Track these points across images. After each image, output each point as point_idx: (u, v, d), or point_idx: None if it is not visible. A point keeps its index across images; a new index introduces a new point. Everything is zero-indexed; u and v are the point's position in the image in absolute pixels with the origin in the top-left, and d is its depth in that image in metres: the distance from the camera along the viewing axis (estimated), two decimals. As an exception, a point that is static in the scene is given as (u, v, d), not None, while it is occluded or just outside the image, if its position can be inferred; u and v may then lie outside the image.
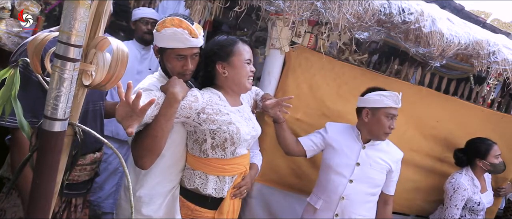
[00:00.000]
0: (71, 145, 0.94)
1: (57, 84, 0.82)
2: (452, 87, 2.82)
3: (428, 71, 2.66)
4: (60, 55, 0.81)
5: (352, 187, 2.10)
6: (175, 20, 1.58)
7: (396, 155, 2.20)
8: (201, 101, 1.62)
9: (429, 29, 2.25)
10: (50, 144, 0.85)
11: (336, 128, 2.23)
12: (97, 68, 0.89)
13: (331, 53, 2.52)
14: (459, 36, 2.36)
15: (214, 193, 1.70)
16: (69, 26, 0.80)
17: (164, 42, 1.61)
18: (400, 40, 2.32)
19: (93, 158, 1.77)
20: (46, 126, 0.84)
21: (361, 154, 2.13)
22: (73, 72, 0.83)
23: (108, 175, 2.95)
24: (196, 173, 1.70)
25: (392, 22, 2.22)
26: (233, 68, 1.70)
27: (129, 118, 1.19)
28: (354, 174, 2.10)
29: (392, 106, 2.05)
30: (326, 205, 2.15)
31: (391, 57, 2.86)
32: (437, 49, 2.30)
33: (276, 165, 2.45)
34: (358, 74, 2.50)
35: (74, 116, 0.92)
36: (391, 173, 2.16)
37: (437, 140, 2.73)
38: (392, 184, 2.19)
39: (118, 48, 0.90)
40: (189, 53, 1.63)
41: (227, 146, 1.68)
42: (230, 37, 1.76)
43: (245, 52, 1.72)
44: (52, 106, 0.83)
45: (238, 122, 1.70)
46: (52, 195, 0.89)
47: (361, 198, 2.11)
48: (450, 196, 2.53)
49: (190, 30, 1.58)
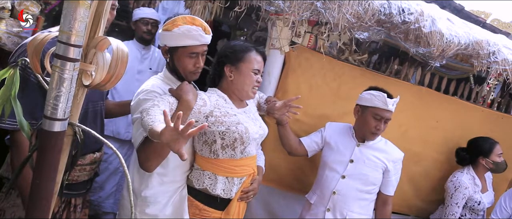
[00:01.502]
0: (71, 145, 0.94)
1: (57, 84, 0.82)
2: (452, 87, 2.82)
3: (428, 71, 2.67)
4: (60, 55, 0.81)
5: (344, 183, 2.13)
6: (187, 18, 1.58)
7: (394, 155, 2.19)
8: (209, 105, 1.65)
9: (429, 29, 2.25)
10: (50, 143, 0.85)
11: (334, 127, 2.29)
12: (97, 68, 0.90)
13: (331, 53, 2.52)
14: (459, 36, 2.36)
15: (223, 193, 1.72)
16: (69, 26, 0.80)
17: (176, 41, 1.60)
18: (400, 40, 2.32)
19: (93, 158, 1.77)
20: (46, 126, 0.84)
21: (355, 151, 2.16)
22: (73, 72, 0.83)
23: (108, 175, 2.95)
24: (206, 173, 1.72)
25: (392, 22, 2.22)
26: (240, 74, 1.73)
27: (176, 140, 1.14)
28: (347, 170, 2.14)
29: (380, 107, 2.04)
30: (319, 200, 2.21)
31: (391, 57, 2.86)
32: (437, 49, 2.30)
33: (276, 165, 2.45)
34: (358, 74, 2.50)
35: (74, 115, 0.92)
36: (388, 172, 2.15)
37: (437, 140, 2.74)
38: (391, 184, 2.19)
39: (118, 48, 0.90)
40: (201, 50, 1.64)
41: (237, 146, 1.70)
42: (246, 44, 1.79)
43: (255, 61, 1.74)
44: (52, 106, 0.83)
45: (246, 122, 1.73)
46: (52, 195, 0.89)
47: (353, 194, 2.13)
48: (451, 194, 2.54)
49: (204, 27, 1.60)
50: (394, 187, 2.21)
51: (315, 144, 2.26)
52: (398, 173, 2.21)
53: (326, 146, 2.25)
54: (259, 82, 1.78)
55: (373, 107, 2.07)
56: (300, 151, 2.26)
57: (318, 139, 2.26)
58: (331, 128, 2.28)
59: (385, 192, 2.19)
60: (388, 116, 2.07)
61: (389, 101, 2.03)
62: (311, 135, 2.30)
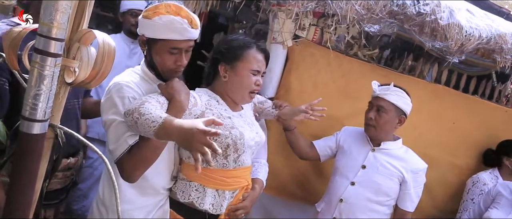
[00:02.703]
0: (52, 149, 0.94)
1: (37, 82, 0.81)
2: (472, 85, 2.82)
3: (445, 67, 2.67)
4: (39, 50, 0.81)
5: (353, 190, 2.12)
6: (172, 6, 1.45)
7: (415, 164, 2.14)
8: (200, 105, 1.59)
9: (446, 22, 2.25)
10: (29, 147, 0.84)
11: (350, 131, 2.29)
12: (81, 64, 0.89)
13: (338, 48, 2.52)
14: (480, 29, 2.36)
15: (212, 208, 1.65)
16: (49, 18, 0.80)
17: (156, 32, 1.46)
18: (415, 34, 2.32)
19: (67, 163, 1.74)
20: (24, 128, 0.84)
21: (369, 156, 2.15)
22: (54, 69, 0.82)
23: (93, 182, 2.94)
24: (193, 185, 1.64)
25: (406, 14, 2.22)
26: (236, 74, 1.67)
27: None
28: (358, 176, 2.13)
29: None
30: (326, 208, 2.22)
31: (404, 53, 2.85)
32: (456, 44, 2.30)
33: (277, 171, 2.45)
34: (368, 71, 2.50)
35: (55, 116, 0.92)
36: (406, 184, 2.11)
37: (454, 144, 2.73)
38: (409, 198, 2.13)
39: (104, 42, 0.90)
40: (185, 46, 1.51)
41: (230, 153, 1.63)
42: (244, 39, 1.71)
43: (255, 61, 1.67)
44: (31, 106, 0.82)
45: (241, 126, 1.67)
46: (30, 204, 0.89)
47: (362, 204, 2.12)
48: (468, 189, 2.61)
49: (190, 19, 1.47)
50: (413, 202, 2.15)
51: (329, 148, 2.27)
52: (419, 186, 2.15)
53: (340, 150, 2.25)
54: (258, 85, 1.70)
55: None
56: (311, 155, 2.27)
57: (332, 143, 2.27)
58: (346, 131, 2.29)
59: (402, 206, 2.15)
60: (380, 103, 2.05)
61: (377, 86, 2.05)
62: (325, 138, 2.32)
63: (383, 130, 2.11)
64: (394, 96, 2.05)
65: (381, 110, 2.06)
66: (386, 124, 2.09)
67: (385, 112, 2.06)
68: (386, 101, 2.05)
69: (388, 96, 2.04)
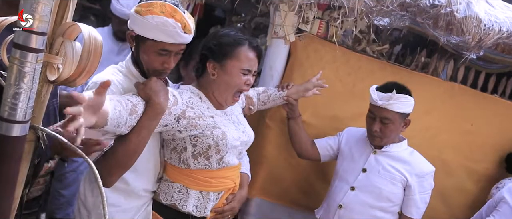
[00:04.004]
0: (33, 153, 0.94)
1: (16, 80, 0.81)
2: (491, 83, 2.82)
3: (462, 64, 2.66)
4: (19, 45, 0.81)
5: (353, 195, 2.15)
6: (168, 7, 1.46)
7: (420, 167, 2.14)
8: (181, 103, 1.61)
9: (463, 14, 2.25)
10: (7, 151, 0.85)
11: (353, 132, 2.30)
12: (65, 61, 0.89)
13: (345, 44, 2.52)
14: (500, 22, 2.36)
15: (195, 211, 1.69)
16: (30, 9, 0.80)
17: (146, 31, 1.48)
18: (428, 28, 2.32)
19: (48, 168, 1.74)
20: (3, 130, 0.84)
21: (370, 159, 2.16)
22: (35, 65, 0.83)
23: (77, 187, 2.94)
24: (175, 186, 1.69)
25: (419, 6, 2.22)
26: (225, 73, 1.68)
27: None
28: (358, 180, 2.15)
29: (371, 102, 2.08)
30: (325, 214, 2.25)
31: (417, 48, 2.85)
32: (473, 38, 2.30)
33: (279, 176, 2.45)
34: (377, 68, 2.50)
35: (37, 117, 0.92)
36: (410, 188, 2.11)
37: (471, 147, 2.73)
38: (413, 204, 2.13)
39: (90, 36, 0.90)
40: (175, 49, 1.54)
41: (212, 154, 1.66)
42: (236, 35, 1.72)
43: (246, 59, 1.68)
44: (9, 106, 0.82)
45: (225, 125, 1.69)
46: (9, 212, 0.89)
47: (362, 210, 2.13)
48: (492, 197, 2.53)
49: (184, 24, 1.49)
50: (419, 209, 2.15)
51: (330, 148, 2.29)
52: (425, 192, 2.14)
53: (341, 153, 2.27)
54: (248, 85, 1.71)
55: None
56: (311, 154, 2.29)
57: (334, 143, 2.29)
58: (349, 132, 2.30)
59: (406, 213, 2.15)
60: (384, 114, 2.02)
61: (377, 95, 2.02)
62: (327, 137, 2.34)
63: (390, 138, 2.12)
64: (398, 105, 2.01)
65: (385, 121, 2.04)
66: (392, 132, 2.09)
67: (391, 122, 2.04)
68: (390, 111, 2.02)
69: (392, 106, 2.01)
